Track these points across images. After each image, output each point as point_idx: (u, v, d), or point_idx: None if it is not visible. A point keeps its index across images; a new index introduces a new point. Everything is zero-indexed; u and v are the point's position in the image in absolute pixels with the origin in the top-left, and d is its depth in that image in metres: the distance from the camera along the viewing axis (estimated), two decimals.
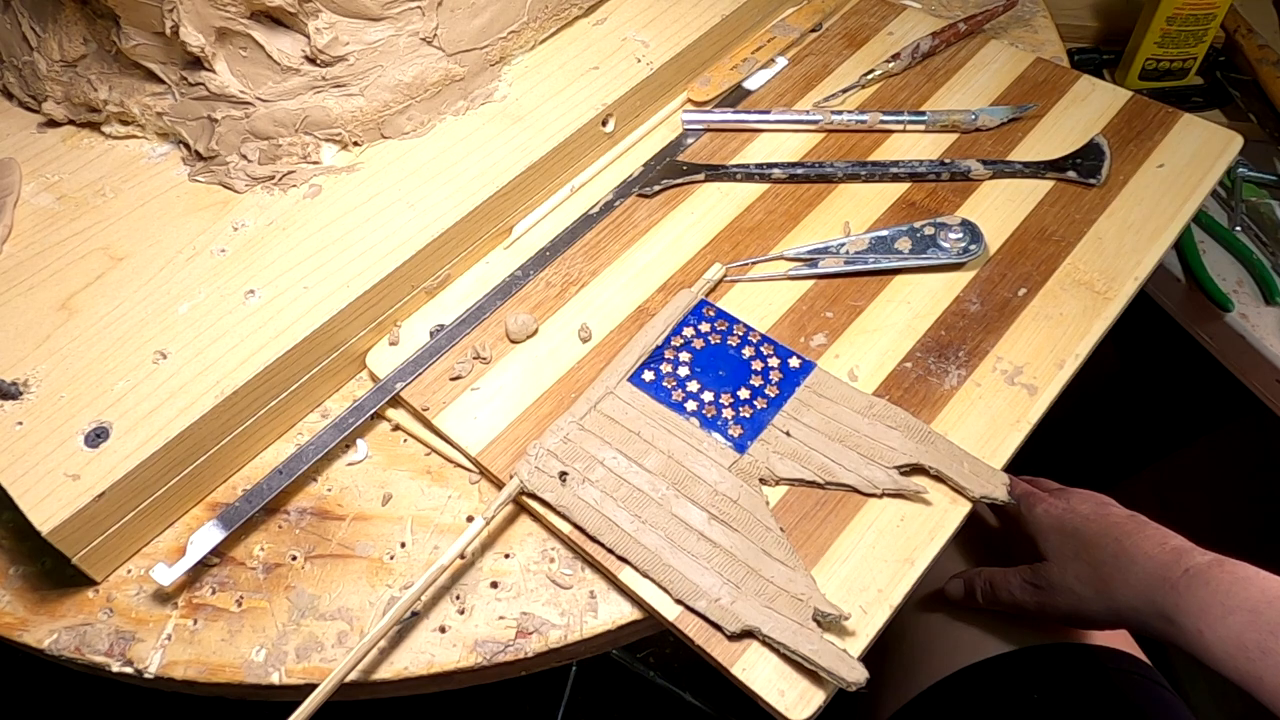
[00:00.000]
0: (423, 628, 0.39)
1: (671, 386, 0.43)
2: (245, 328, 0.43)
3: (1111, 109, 0.54)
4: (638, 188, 0.52)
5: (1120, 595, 0.48)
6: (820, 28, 0.61)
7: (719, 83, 0.57)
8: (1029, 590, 0.54)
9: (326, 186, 0.49)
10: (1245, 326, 0.70)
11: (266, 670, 0.38)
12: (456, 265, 0.49)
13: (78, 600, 0.40)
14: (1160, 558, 0.47)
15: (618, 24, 0.56)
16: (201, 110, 0.49)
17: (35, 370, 0.42)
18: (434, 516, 0.43)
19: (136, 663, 0.39)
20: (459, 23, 0.50)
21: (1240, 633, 0.43)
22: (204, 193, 0.49)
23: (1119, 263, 0.47)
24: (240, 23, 0.46)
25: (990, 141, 0.53)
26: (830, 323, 0.46)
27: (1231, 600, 0.43)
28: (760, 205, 0.51)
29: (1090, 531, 0.51)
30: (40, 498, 0.38)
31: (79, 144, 0.52)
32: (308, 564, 0.41)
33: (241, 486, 0.43)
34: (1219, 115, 0.80)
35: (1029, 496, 0.57)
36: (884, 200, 0.51)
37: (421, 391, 0.45)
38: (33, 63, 0.51)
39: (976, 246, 0.47)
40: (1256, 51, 0.80)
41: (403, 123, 0.50)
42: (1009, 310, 0.46)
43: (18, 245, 0.47)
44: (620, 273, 0.49)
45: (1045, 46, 0.63)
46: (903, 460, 0.40)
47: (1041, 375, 0.43)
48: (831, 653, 0.35)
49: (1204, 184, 0.50)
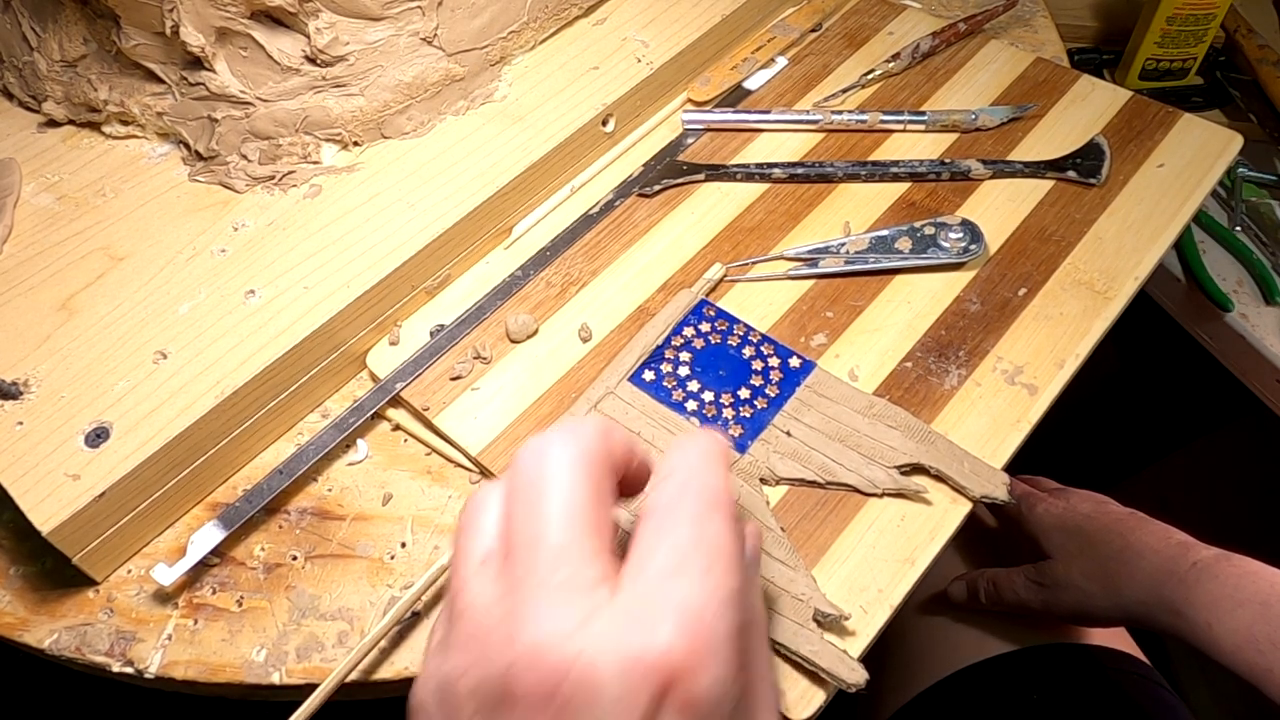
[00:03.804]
0: (423, 628, 0.39)
1: (672, 386, 0.43)
2: (245, 328, 0.43)
3: (1111, 109, 0.54)
4: (638, 188, 0.52)
5: (1127, 590, 0.48)
6: (820, 28, 0.61)
7: (719, 83, 0.57)
8: (1033, 589, 0.54)
9: (327, 186, 0.49)
10: (1245, 326, 0.70)
11: (267, 670, 0.38)
12: (456, 265, 0.49)
13: (78, 600, 0.40)
14: (1166, 552, 0.47)
15: (618, 24, 0.56)
16: (202, 110, 0.49)
17: (35, 370, 0.42)
18: (434, 516, 0.43)
19: (137, 663, 0.39)
20: (459, 23, 0.50)
21: (1250, 625, 0.43)
22: (204, 193, 0.49)
23: (1119, 263, 0.47)
24: (240, 23, 0.46)
25: (990, 141, 0.53)
26: (830, 322, 0.46)
27: (1241, 593, 0.44)
28: (760, 205, 0.51)
29: (1093, 528, 0.51)
30: (40, 498, 0.38)
31: (79, 144, 0.52)
32: (308, 564, 0.41)
33: (242, 486, 0.43)
34: (1219, 115, 0.80)
35: (1029, 496, 0.57)
36: (884, 200, 0.51)
37: (422, 391, 0.45)
38: (33, 63, 0.51)
39: (976, 246, 0.47)
40: (1256, 51, 0.80)
41: (403, 123, 0.50)
42: (1009, 310, 0.46)
43: (18, 245, 0.47)
44: (620, 273, 0.49)
45: (1045, 46, 0.63)
46: (903, 460, 0.40)
47: (1041, 375, 0.43)
48: (832, 653, 0.35)
49: (1204, 184, 0.50)
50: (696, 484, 0.25)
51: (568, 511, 0.24)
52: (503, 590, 0.24)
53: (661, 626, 0.22)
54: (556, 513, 0.24)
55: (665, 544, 0.24)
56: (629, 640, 0.22)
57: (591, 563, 0.23)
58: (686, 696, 0.21)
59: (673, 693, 0.21)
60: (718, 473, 0.26)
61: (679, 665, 0.21)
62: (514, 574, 0.24)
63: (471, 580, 0.24)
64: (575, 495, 0.24)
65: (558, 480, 0.25)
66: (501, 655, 0.22)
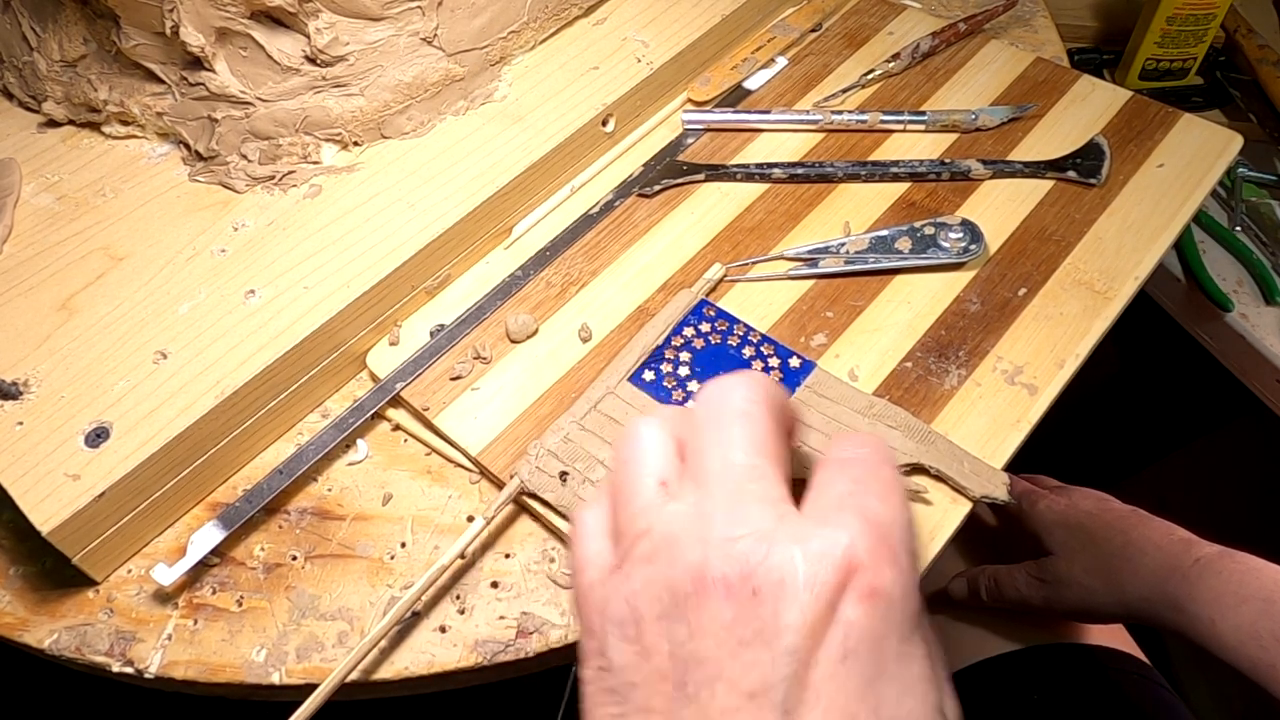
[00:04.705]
0: (423, 628, 0.39)
1: (672, 386, 0.43)
2: (245, 328, 0.43)
3: (1111, 109, 0.54)
4: (638, 188, 0.52)
5: (1130, 586, 0.48)
6: (820, 28, 0.61)
7: (719, 83, 0.57)
8: (1035, 585, 0.54)
9: (326, 186, 0.49)
10: (1245, 326, 0.70)
11: (267, 670, 0.38)
12: (456, 265, 0.49)
13: (78, 600, 0.40)
14: (1169, 548, 0.47)
15: (618, 24, 0.56)
16: (201, 110, 0.49)
17: (35, 370, 0.42)
18: (434, 516, 0.43)
19: (137, 663, 0.39)
20: (459, 23, 0.50)
21: (1254, 621, 0.43)
22: (204, 193, 0.49)
23: (1119, 262, 0.47)
24: (240, 23, 0.46)
25: (990, 141, 0.53)
26: (830, 322, 0.46)
27: (1245, 589, 0.44)
28: (760, 205, 0.51)
29: (1095, 525, 0.51)
30: (40, 498, 0.38)
31: (79, 144, 0.52)
32: (308, 564, 0.41)
33: (242, 486, 0.43)
34: (1219, 115, 0.80)
35: (1030, 494, 0.57)
36: (884, 200, 0.51)
37: (421, 391, 0.45)
38: (33, 63, 0.51)
39: (976, 246, 0.47)
40: (1256, 51, 0.80)
41: (403, 123, 0.50)
42: (1009, 310, 0.46)
43: (18, 245, 0.47)
44: (620, 273, 0.49)
45: (1045, 46, 0.63)
46: (903, 460, 0.40)
47: (1041, 375, 0.43)
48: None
49: (1204, 184, 0.50)
50: (873, 444, 0.26)
51: (757, 439, 0.25)
52: (691, 504, 0.24)
53: (848, 528, 0.23)
54: (746, 438, 0.25)
55: (846, 475, 0.25)
56: (818, 537, 0.23)
57: (778, 485, 0.25)
58: (869, 586, 0.22)
59: (855, 580, 0.22)
60: (889, 454, 0.27)
61: (863, 559, 0.22)
62: (703, 489, 0.25)
63: (653, 500, 0.25)
64: (762, 427, 0.26)
65: (747, 412, 0.26)
66: (694, 552, 0.23)
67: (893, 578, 0.22)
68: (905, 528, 0.24)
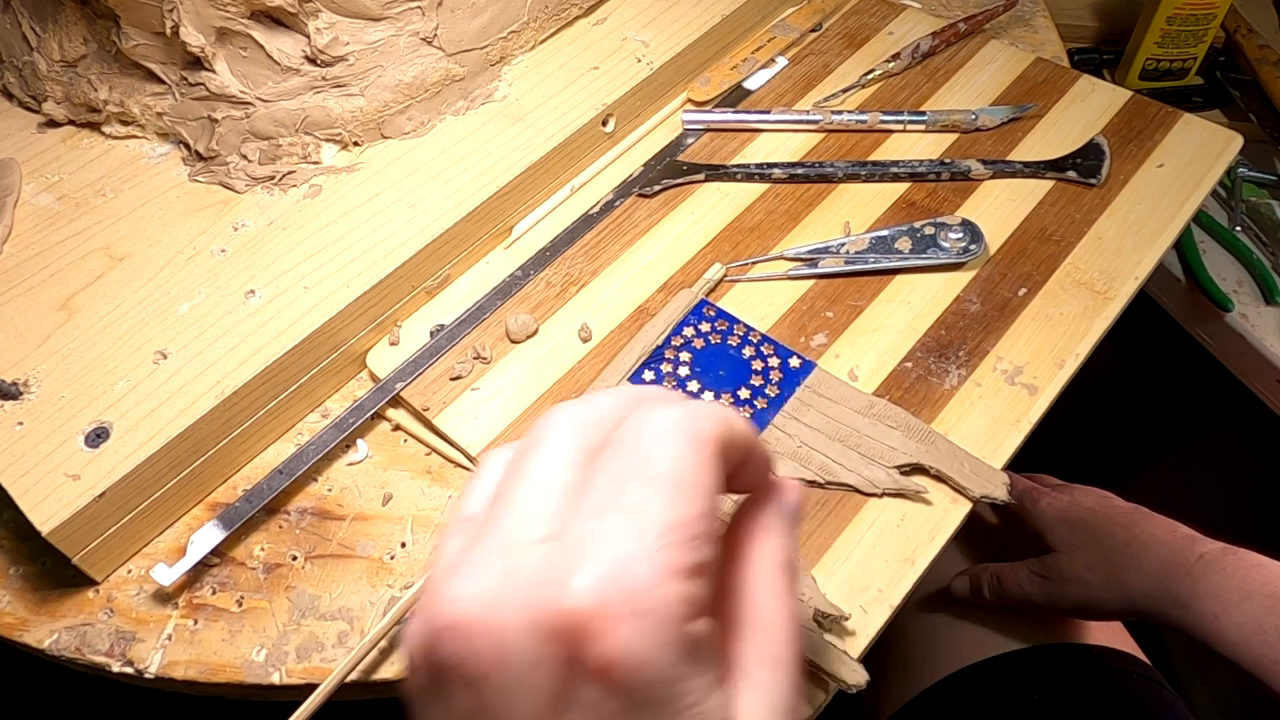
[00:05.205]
0: None
1: (672, 386, 0.43)
2: (245, 328, 0.43)
3: (1111, 109, 0.54)
4: (638, 188, 0.52)
5: (1132, 582, 0.48)
6: (820, 28, 0.61)
7: (719, 83, 0.57)
8: (1037, 582, 0.54)
9: (326, 186, 0.49)
10: (1245, 326, 0.70)
11: (267, 670, 0.38)
12: (456, 265, 0.49)
13: (78, 600, 0.40)
14: (1172, 545, 0.47)
15: (618, 24, 0.56)
16: (201, 110, 0.49)
17: (35, 370, 0.42)
18: (434, 516, 0.43)
19: (137, 663, 0.39)
20: (459, 23, 0.50)
21: (1258, 617, 0.43)
22: (204, 193, 0.49)
23: (1119, 263, 0.47)
24: (240, 23, 0.46)
25: (990, 141, 0.53)
26: (830, 322, 0.46)
27: (1248, 585, 0.44)
28: (760, 205, 0.51)
29: (1097, 522, 0.51)
30: (40, 498, 0.38)
31: (79, 144, 0.52)
32: (308, 564, 0.41)
33: (242, 486, 0.43)
34: (1219, 115, 0.80)
35: (1032, 491, 0.57)
36: (884, 200, 0.51)
37: (422, 391, 0.45)
38: (33, 63, 0.51)
39: (976, 246, 0.47)
40: (1256, 51, 0.80)
41: (403, 123, 0.50)
42: (1009, 310, 0.46)
43: (18, 245, 0.47)
44: (620, 273, 0.49)
45: (1045, 46, 0.63)
46: (903, 460, 0.40)
47: (1041, 375, 0.43)
48: (832, 654, 0.35)
49: (1204, 184, 0.50)
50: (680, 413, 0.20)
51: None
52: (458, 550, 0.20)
53: (577, 572, 0.18)
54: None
55: (605, 475, 0.19)
56: (540, 593, 0.18)
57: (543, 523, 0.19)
58: (602, 659, 0.17)
59: (584, 654, 0.17)
60: (709, 413, 0.21)
61: (588, 617, 0.17)
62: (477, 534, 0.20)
63: (445, 540, 0.21)
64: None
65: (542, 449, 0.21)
66: (432, 622, 0.19)
67: (632, 638, 0.17)
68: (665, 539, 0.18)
